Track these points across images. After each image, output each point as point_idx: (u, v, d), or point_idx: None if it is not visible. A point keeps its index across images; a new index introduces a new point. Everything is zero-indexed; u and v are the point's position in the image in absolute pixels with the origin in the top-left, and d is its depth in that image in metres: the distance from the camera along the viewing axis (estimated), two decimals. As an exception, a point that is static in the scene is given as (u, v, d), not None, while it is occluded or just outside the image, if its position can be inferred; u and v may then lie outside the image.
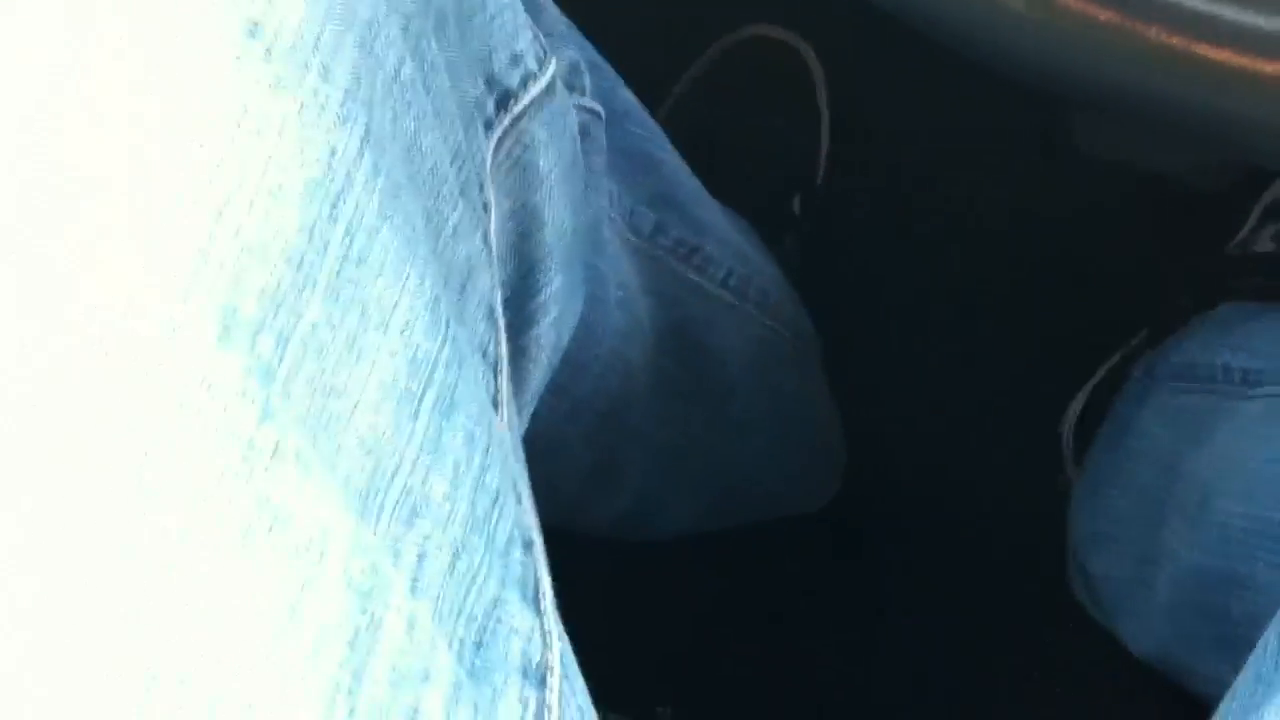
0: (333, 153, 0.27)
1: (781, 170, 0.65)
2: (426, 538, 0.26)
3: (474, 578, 0.27)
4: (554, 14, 0.38)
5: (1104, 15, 0.24)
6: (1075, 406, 0.57)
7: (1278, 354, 0.46)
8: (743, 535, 0.57)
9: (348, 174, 0.27)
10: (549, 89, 0.35)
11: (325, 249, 0.26)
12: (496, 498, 0.28)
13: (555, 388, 0.39)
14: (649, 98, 0.55)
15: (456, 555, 0.27)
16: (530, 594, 0.28)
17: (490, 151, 0.33)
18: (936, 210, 0.65)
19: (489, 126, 0.33)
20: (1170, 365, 0.51)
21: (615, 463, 0.49)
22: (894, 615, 0.61)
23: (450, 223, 0.30)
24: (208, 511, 0.23)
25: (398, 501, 0.26)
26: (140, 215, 0.24)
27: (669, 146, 0.48)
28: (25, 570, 0.23)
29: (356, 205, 0.27)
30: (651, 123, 0.46)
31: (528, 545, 0.28)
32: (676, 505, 0.55)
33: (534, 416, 0.37)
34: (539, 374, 0.36)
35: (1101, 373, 0.56)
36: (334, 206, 0.26)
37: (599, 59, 0.42)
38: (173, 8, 0.26)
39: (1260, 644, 0.32)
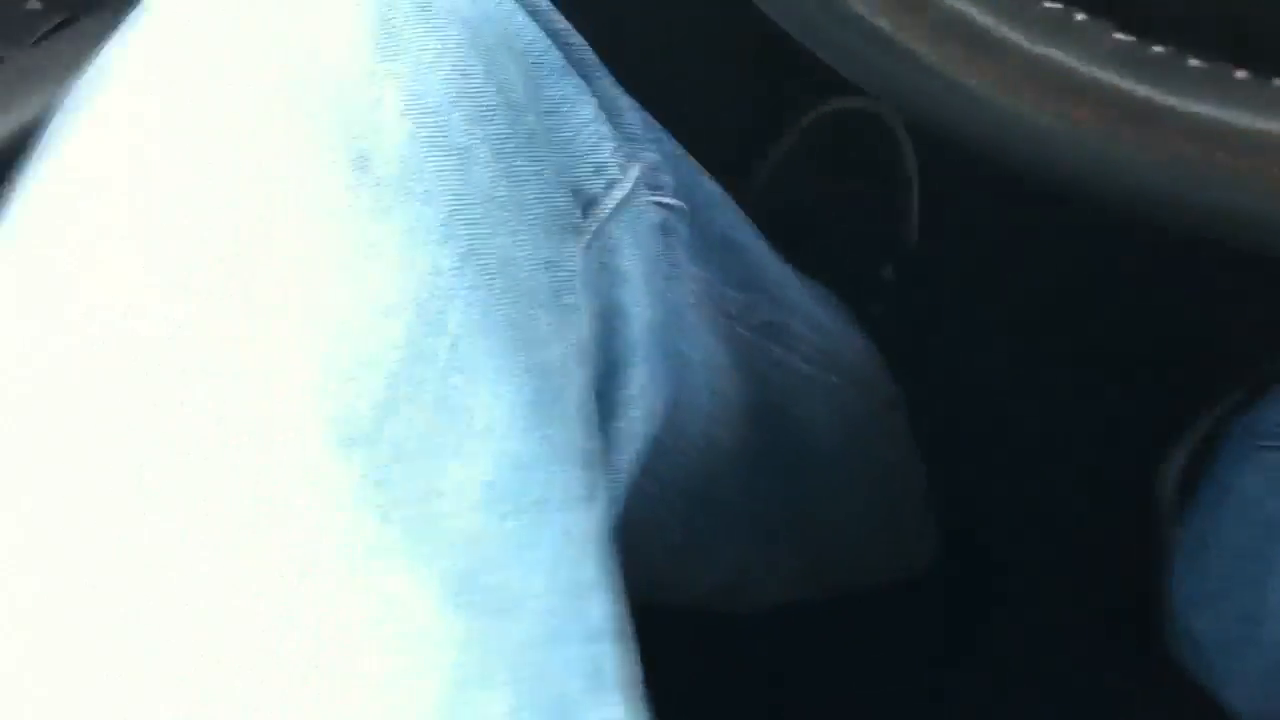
0: (436, 271, 0.29)
1: (873, 239, 0.66)
2: (521, 628, 0.27)
3: (565, 667, 0.28)
4: (634, 115, 0.39)
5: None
6: (1174, 466, 0.57)
7: None
8: (841, 605, 0.58)
9: (450, 289, 0.29)
10: (631, 194, 0.37)
11: (432, 360, 0.28)
12: (589, 591, 0.29)
13: (646, 470, 0.40)
14: (739, 176, 0.57)
15: (549, 646, 0.28)
16: (614, 682, 0.29)
17: (578, 257, 0.34)
18: (1025, 271, 0.66)
19: (576, 233, 0.35)
20: (1268, 424, 0.51)
21: (707, 538, 0.50)
22: (991, 674, 0.60)
23: (543, 328, 0.31)
24: (330, 603, 0.25)
25: (492, 595, 0.27)
26: (272, 335, 0.27)
27: (753, 230, 0.49)
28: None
29: (458, 318, 0.29)
30: (735, 209, 0.47)
31: (617, 635, 0.29)
32: (771, 577, 0.55)
33: (626, 498, 0.39)
34: (629, 462, 0.38)
35: (1199, 433, 0.56)
36: (438, 320, 0.28)
37: (680, 152, 0.44)
38: (289, 145, 0.28)
39: None
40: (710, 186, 0.45)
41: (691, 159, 0.45)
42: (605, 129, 0.36)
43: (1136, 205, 0.27)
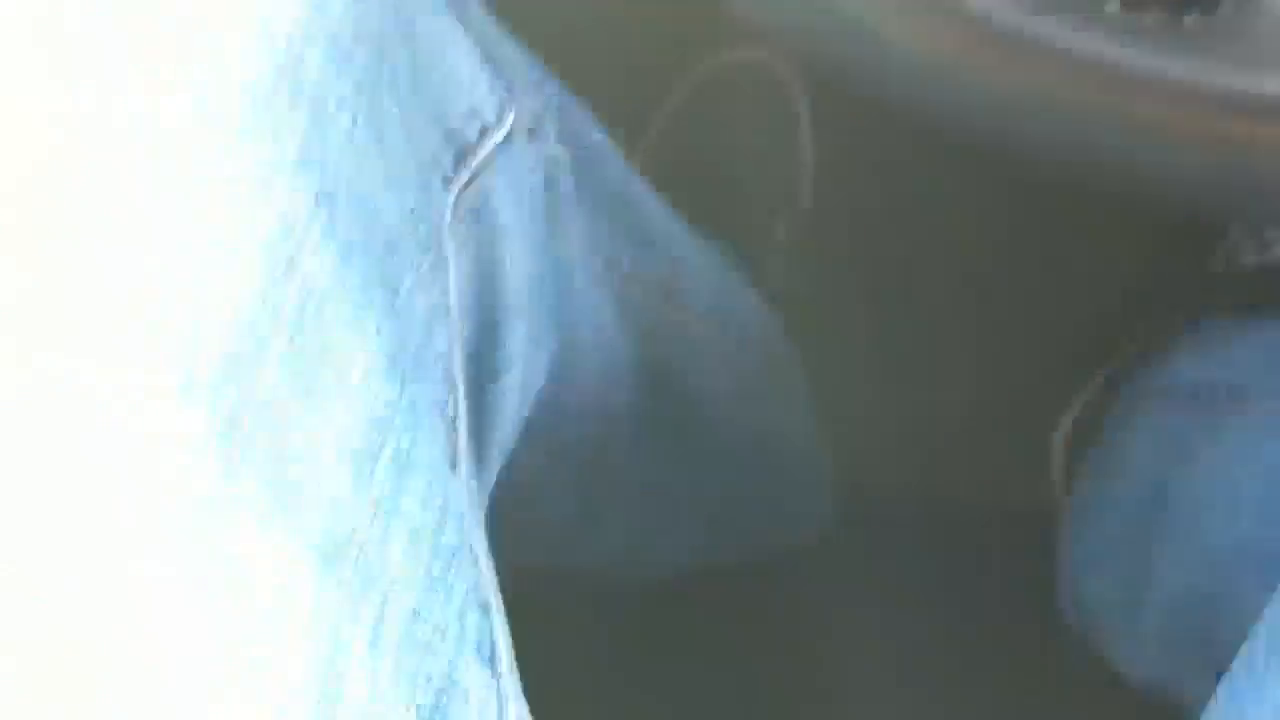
0: (285, 215, 0.27)
1: (765, 196, 0.65)
2: (385, 600, 0.26)
3: (431, 640, 0.27)
4: (515, 58, 0.38)
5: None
6: (1063, 428, 0.57)
7: (1261, 370, 0.46)
8: (735, 572, 0.58)
9: (302, 234, 0.27)
10: (508, 140, 0.35)
11: (281, 310, 0.26)
12: (453, 559, 0.28)
13: (532, 436, 0.39)
14: (632, 129, 0.55)
15: (414, 618, 0.27)
16: (487, 656, 0.28)
17: (449, 207, 0.33)
18: (921, 228, 0.65)
19: (446, 182, 0.33)
20: (1156, 385, 0.51)
21: (600, 504, 0.49)
22: (881, 635, 0.61)
23: (407, 280, 0.30)
24: (172, 569, 0.24)
25: (355, 562, 0.26)
26: (101, 280, 0.25)
27: (643, 185, 0.47)
28: None
29: (311, 265, 0.27)
30: (623, 163, 0.46)
31: (484, 607, 0.28)
32: (665, 543, 0.55)
33: (513, 465, 0.37)
34: (507, 426, 0.36)
35: (1088, 394, 0.56)
36: (288, 268, 0.27)
37: (568, 102, 0.42)
38: (127, 78, 0.26)
39: (1243, 648, 0.32)
40: (598, 137, 0.44)
41: (579, 107, 0.43)
42: (481, 70, 0.35)
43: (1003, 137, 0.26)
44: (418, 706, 0.26)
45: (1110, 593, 0.52)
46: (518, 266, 0.36)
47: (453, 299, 0.32)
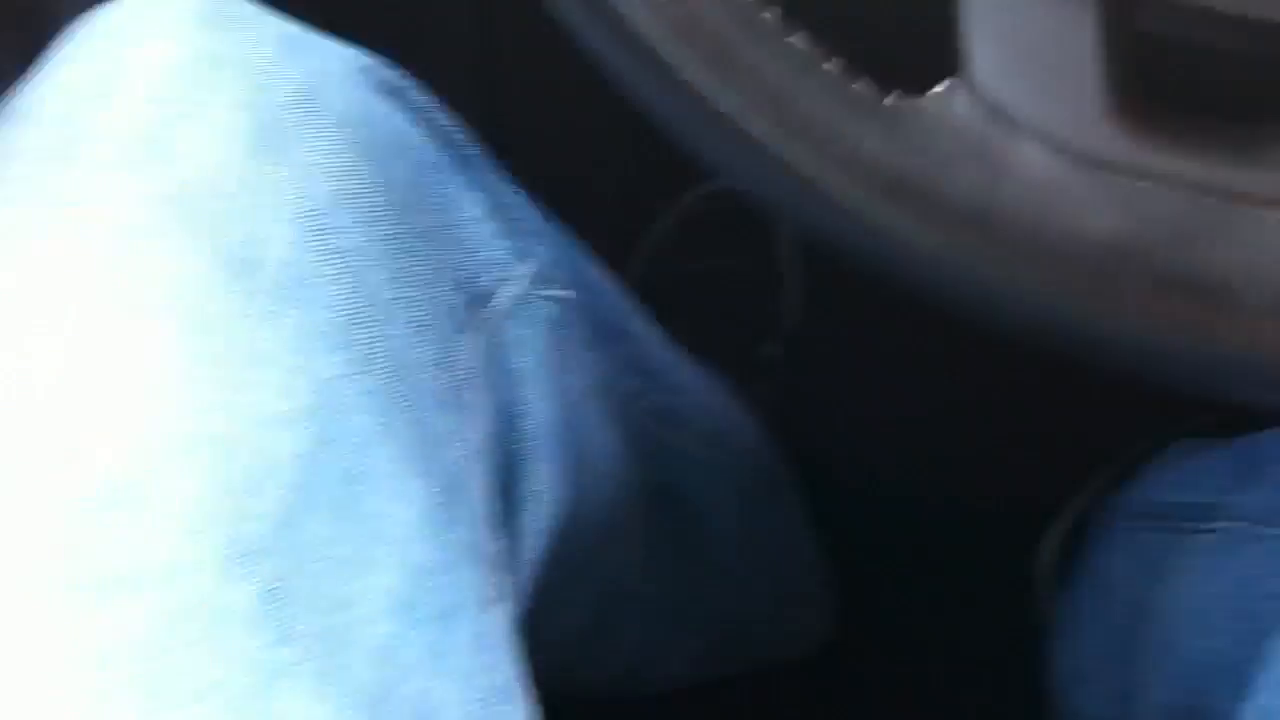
0: (328, 377, 0.28)
1: (752, 318, 0.66)
2: None
3: None
4: (524, 210, 0.39)
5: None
6: (1048, 547, 0.58)
7: (1226, 488, 0.47)
8: (737, 684, 0.58)
9: (343, 396, 0.28)
10: (524, 290, 0.37)
11: (323, 470, 0.27)
12: (503, 695, 0.29)
13: (550, 561, 0.39)
14: (618, 257, 0.56)
15: None
16: None
17: (469, 354, 0.34)
18: (903, 349, 0.67)
19: (470, 331, 0.34)
20: (1131, 505, 0.52)
21: (611, 621, 0.50)
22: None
23: (442, 430, 0.31)
24: None
25: (408, 708, 0.27)
26: (147, 448, 0.25)
27: (639, 316, 0.49)
28: None
29: (354, 424, 0.28)
30: (620, 297, 0.48)
31: None
32: (671, 658, 0.55)
33: (532, 590, 0.38)
34: (533, 556, 0.37)
35: (1074, 513, 0.58)
36: (329, 429, 0.28)
37: (570, 244, 0.43)
38: (169, 245, 0.27)
39: None
40: (598, 275, 0.45)
41: (579, 249, 0.44)
42: (495, 226, 0.36)
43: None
44: None
45: (1097, 707, 0.53)
46: (536, 405, 0.37)
47: (480, 442, 0.33)
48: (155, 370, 0.26)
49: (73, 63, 0.30)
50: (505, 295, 0.36)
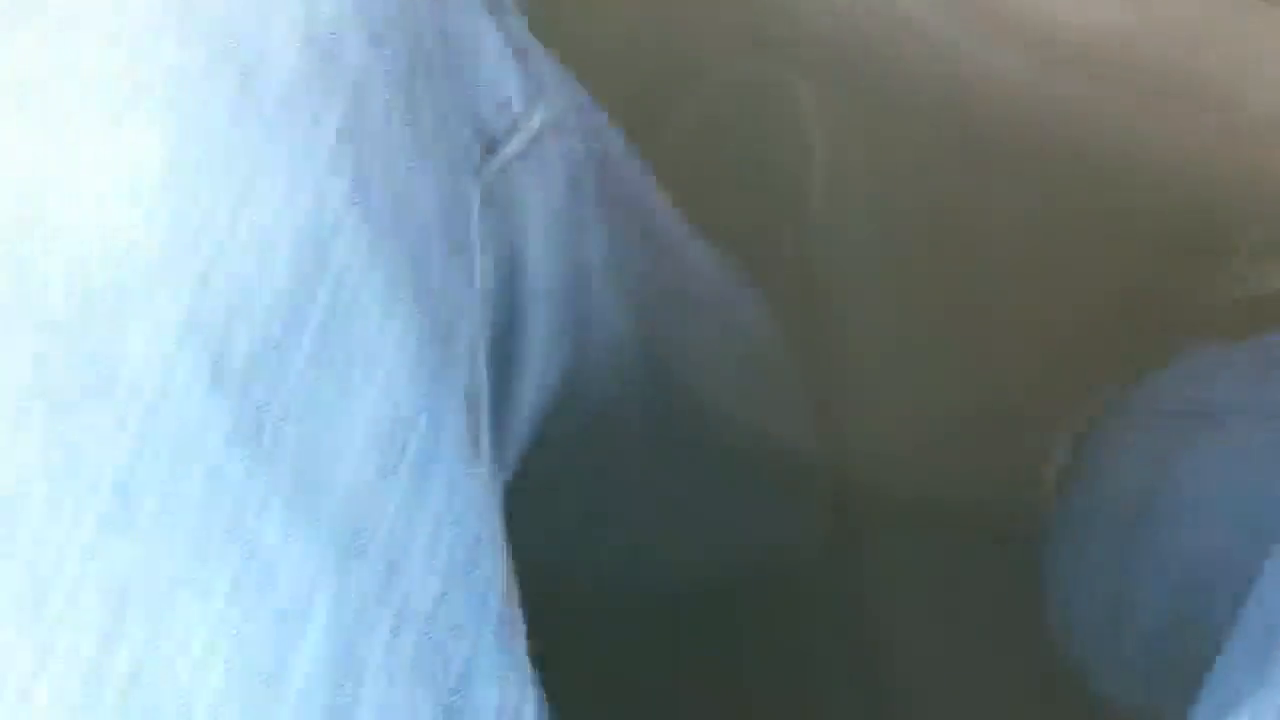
0: (322, 199, 0.27)
1: (774, 205, 0.65)
2: (408, 590, 0.26)
3: (453, 626, 0.27)
4: (544, 62, 0.38)
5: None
6: (1057, 451, 0.58)
7: (1243, 390, 0.46)
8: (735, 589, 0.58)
9: (336, 221, 0.27)
10: (536, 136, 0.36)
11: (314, 297, 0.27)
12: (475, 546, 0.28)
13: (544, 434, 0.39)
14: (642, 138, 0.56)
15: (437, 604, 0.27)
16: (505, 639, 0.28)
17: (477, 197, 0.33)
18: (926, 243, 0.66)
19: (476, 172, 0.33)
20: (1142, 404, 0.52)
21: (605, 506, 0.49)
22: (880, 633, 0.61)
23: (437, 268, 0.30)
24: (199, 560, 0.24)
25: (382, 554, 0.26)
26: (135, 256, 0.25)
27: (658, 191, 0.48)
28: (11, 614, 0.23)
29: (345, 252, 0.27)
30: (639, 165, 0.47)
31: (505, 591, 0.29)
32: (666, 549, 0.55)
33: (524, 464, 0.38)
34: (524, 418, 0.37)
35: (1082, 415, 0.57)
36: (322, 254, 0.27)
37: (589, 104, 0.43)
38: (170, 54, 0.26)
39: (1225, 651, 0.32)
40: (619, 141, 0.45)
41: (599, 112, 0.44)
42: (513, 65, 0.35)
43: None
44: (438, 690, 0.26)
45: (1093, 613, 0.52)
46: (540, 260, 0.36)
47: (480, 288, 0.33)
48: (148, 174, 0.25)
49: None
50: (518, 140, 0.35)
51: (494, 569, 0.28)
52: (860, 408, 0.62)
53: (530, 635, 0.30)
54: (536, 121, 0.36)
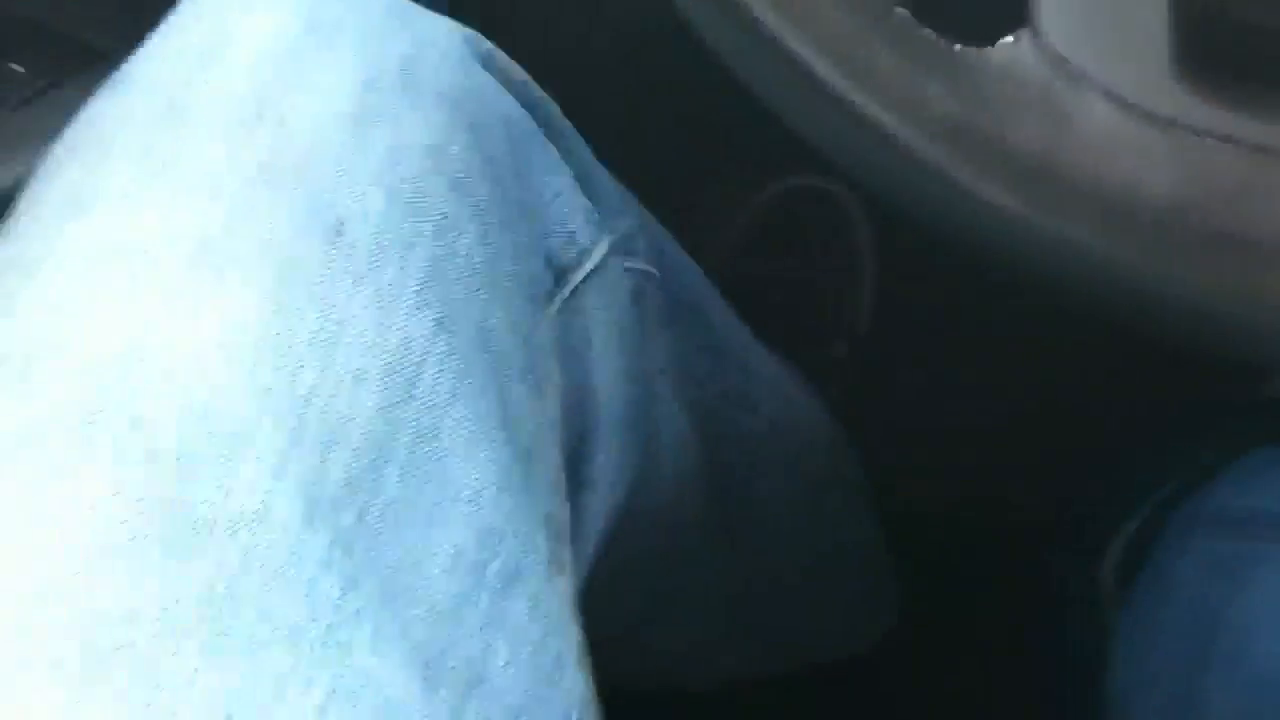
0: (408, 338, 0.29)
1: (825, 316, 0.66)
2: (488, 705, 0.27)
3: None
4: (608, 185, 0.40)
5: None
6: (1114, 552, 0.58)
7: None
8: (794, 681, 0.58)
9: (422, 356, 0.29)
10: (602, 264, 0.37)
11: (402, 427, 0.28)
12: (556, 663, 0.29)
13: (610, 541, 0.40)
14: (696, 245, 0.57)
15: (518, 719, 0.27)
16: None
17: (549, 325, 0.35)
18: (974, 352, 0.67)
19: (547, 300, 0.35)
20: (1204, 512, 0.52)
21: (664, 611, 0.50)
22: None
23: (517, 397, 0.31)
24: (295, 681, 0.25)
25: (462, 669, 0.27)
26: (236, 398, 0.26)
27: (717, 297, 0.49)
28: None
29: (430, 385, 0.29)
30: (700, 276, 0.48)
31: (585, 706, 0.29)
32: (723, 651, 0.55)
33: (591, 568, 0.38)
34: (593, 534, 0.37)
35: (1140, 519, 0.57)
36: (410, 388, 0.28)
37: (651, 220, 0.44)
38: (265, 211, 0.28)
39: None
40: (677, 253, 0.46)
41: (660, 226, 0.45)
42: (580, 199, 0.37)
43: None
44: None
45: (1158, 716, 0.52)
46: (609, 380, 0.37)
47: (556, 413, 0.34)
48: (248, 323, 0.27)
49: (184, 29, 0.31)
50: (586, 267, 0.37)
51: (575, 684, 0.29)
52: (917, 512, 0.62)
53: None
54: (603, 247, 0.38)
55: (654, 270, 0.42)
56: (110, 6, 0.46)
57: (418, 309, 0.29)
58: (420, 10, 0.34)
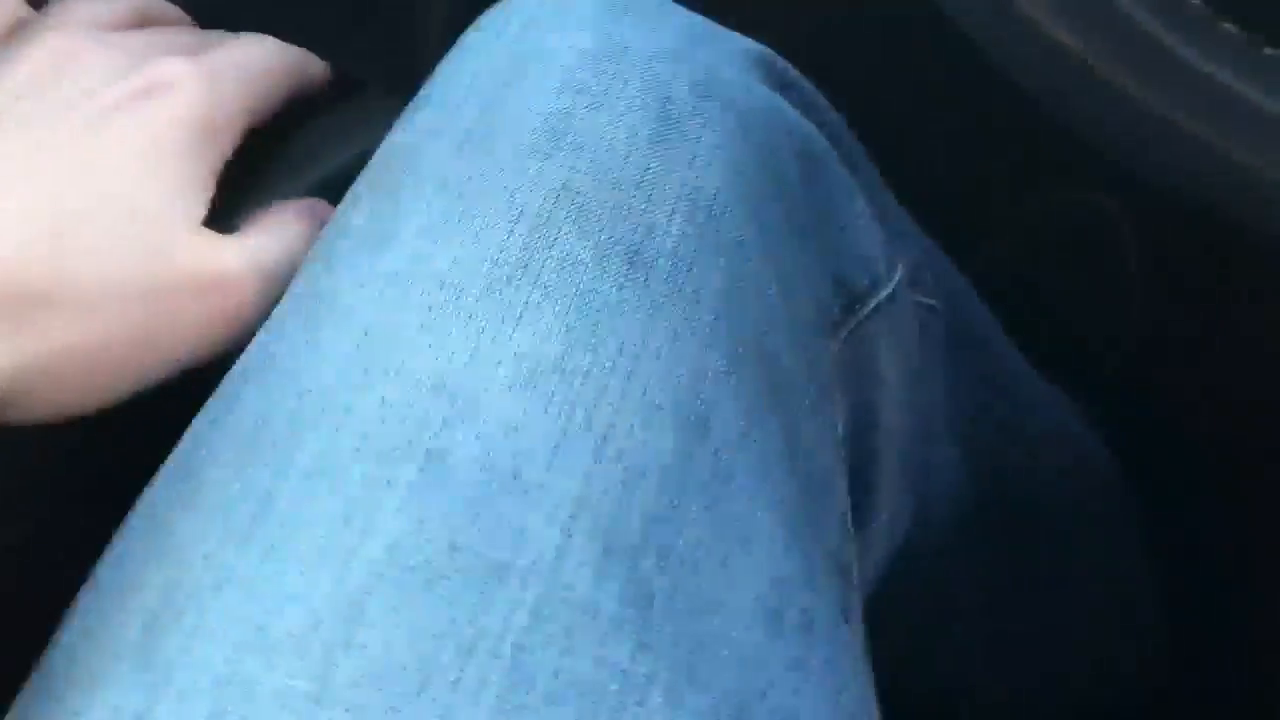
0: (701, 374, 0.28)
1: (1094, 336, 0.63)
2: None
3: None
4: (898, 211, 0.38)
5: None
6: None
7: None
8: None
9: (714, 394, 0.28)
10: (893, 293, 0.36)
11: (697, 469, 0.27)
12: (859, 711, 0.28)
13: (883, 580, 0.38)
14: (961, 259, 0.55)
15: None
16: None
17: (835, 355, 0.33)
18: (1244, 365, 0.62)
19: (834, 330, 0.34)
20: None
21: (929, 646, 0.48)
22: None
23: (807, 433, 0.30)
24: None
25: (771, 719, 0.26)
26: (534, 442, 0.26)
27: (996, 325, 0.47)
28: None
29: (722, 425, 0.28)
30: (981, 305, 0.46)
31: None
32: (987, 688, 0.53)
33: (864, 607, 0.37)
34: (872, 571, 0.36)
35: None
36: (703, 427, 0.27)
37: (934, 246, 0.42)
38: (563, 242, 0.27)
39: None
40: (959, 280, 0.44)
41: (940, 251, 0.43)
42: (873, 224, 0.35)
43: None
44: None
45: None
46: (891, 415, 0.36)
47: (839, 449, 0.32)
48: (545, 359, 0.26)
49: (480, 52, 0.31)
50: (878, 295, 0.35)
51: None
52: (1195, 546, 0.58)
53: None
54: (896, 276, 0.36)
55: (938, 303, 0.40)
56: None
57: (711, 341, 0.28)
58: (714, 28, 0.33)
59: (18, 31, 0.31)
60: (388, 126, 0.31)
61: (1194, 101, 0.25)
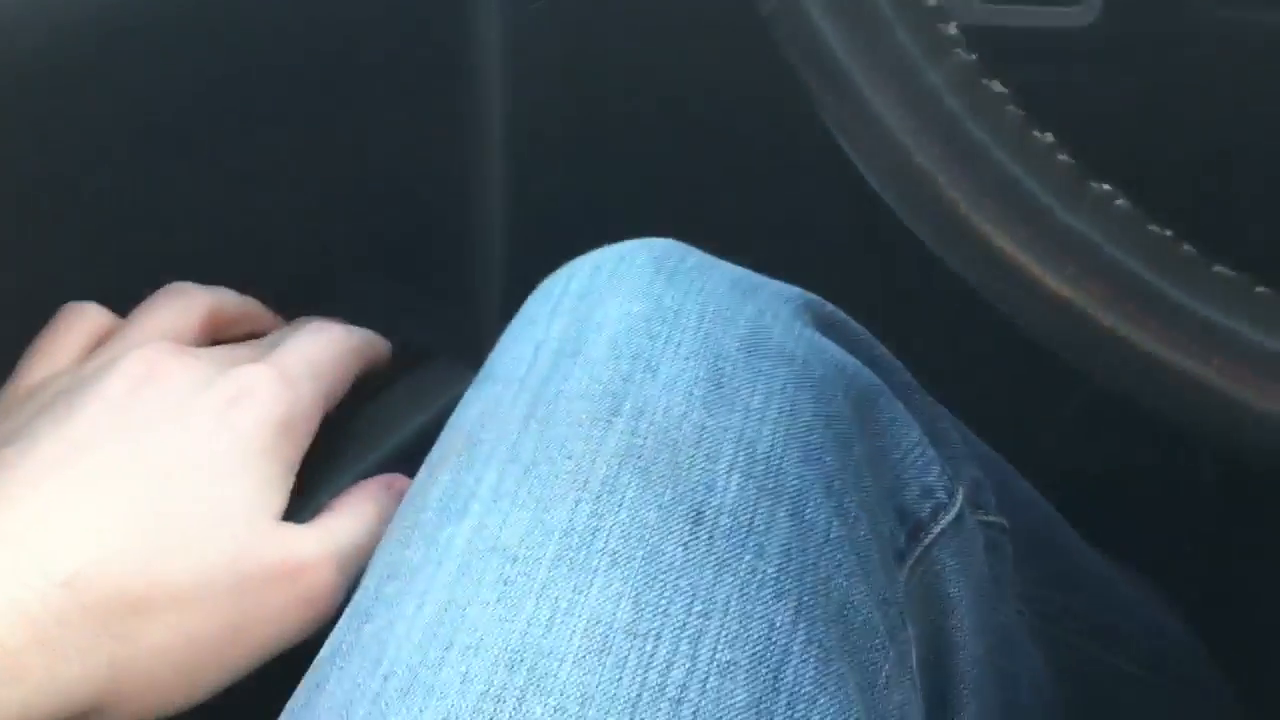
0: (771, 627, 0.28)
1: (1171, 516, 0.62)
2: None
3: None
4: (954, 431, 0.39)
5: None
6: None
7: None
8: None
9: (785, 645, 0.28)
10: (958, 518, 0.36)
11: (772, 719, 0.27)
12: None
13: None
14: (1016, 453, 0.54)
15: None
16: None
17: (904, 584, 0.33)
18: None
19: (900, 560, 0.34)
20: None
21: None
22: None
23: (882, 673, 0.30)
24: None
25: None
26: (604, 698, 0.26)
27: (1066, 525, 0.47)
28: None
29: (795, 674, 0.28)
30: (1048, 508, 0.46)
31: None
32: None
33: None
34: None
35: None
36: (775, 679, 0.27)
37: (995, 457, 0.42)
38: (629, 505, 0.28)
39: None
40: (1026, 488, 0.44)
41: (1005, 463, 0.43)
42: (930, 451, 0.36)
43: None
44: None
45: None
46: (967, 639, 0.36)
47: (918, 680, 0.32)
48: (615, 625, 0.27)
49: (539, 322, 0.32)
50: (941, 522, 0.36)
51: None
52: None
53: None
54: (958, 501, 0.36)
55: (1005, 522, 0.40)
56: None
57: (778, 591, 0.28)
58: (759, 280, 0.34)
59: (106, 342, 0.34)
60: (455, 392, 0.32)
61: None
